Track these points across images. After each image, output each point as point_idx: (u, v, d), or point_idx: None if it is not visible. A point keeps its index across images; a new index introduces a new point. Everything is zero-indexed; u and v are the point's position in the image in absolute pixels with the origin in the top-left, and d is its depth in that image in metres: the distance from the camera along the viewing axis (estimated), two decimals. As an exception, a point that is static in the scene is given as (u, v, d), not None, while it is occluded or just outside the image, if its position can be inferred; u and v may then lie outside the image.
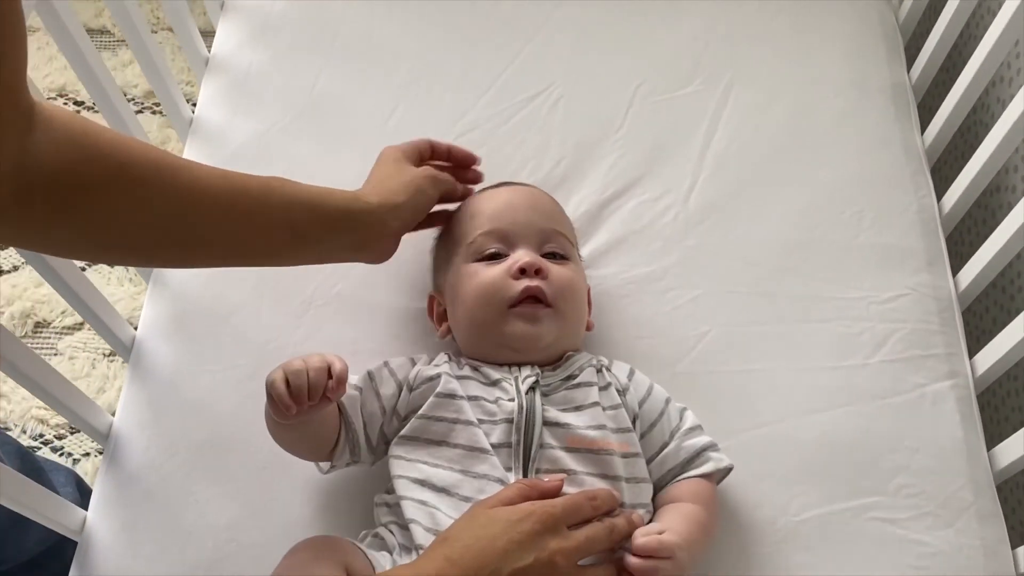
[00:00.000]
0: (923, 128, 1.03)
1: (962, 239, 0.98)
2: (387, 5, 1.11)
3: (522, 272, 0.75)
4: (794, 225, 0.95)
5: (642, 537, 0.64)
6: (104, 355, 1.37)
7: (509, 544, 0.60)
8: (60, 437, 1.31)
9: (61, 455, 1.30)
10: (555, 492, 0.66)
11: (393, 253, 0.80)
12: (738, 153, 1.00)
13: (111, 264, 0.84)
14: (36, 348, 1.42)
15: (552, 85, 1.04)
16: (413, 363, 0.77)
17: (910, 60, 1.09)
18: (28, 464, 0.89)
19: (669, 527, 0.67)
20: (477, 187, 0.87)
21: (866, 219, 0.95)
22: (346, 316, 0.89)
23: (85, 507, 0.82)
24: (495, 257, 0.78)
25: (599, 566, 0.65)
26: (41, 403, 1.34)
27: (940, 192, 0.98)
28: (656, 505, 0.73)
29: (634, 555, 0.64)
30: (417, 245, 0.88)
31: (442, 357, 0.78)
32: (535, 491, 0.66)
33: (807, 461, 0.82)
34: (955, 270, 0.93)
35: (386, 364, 0.77)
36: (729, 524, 0.78)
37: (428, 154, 0.85)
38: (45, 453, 1.31)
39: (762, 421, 0.84)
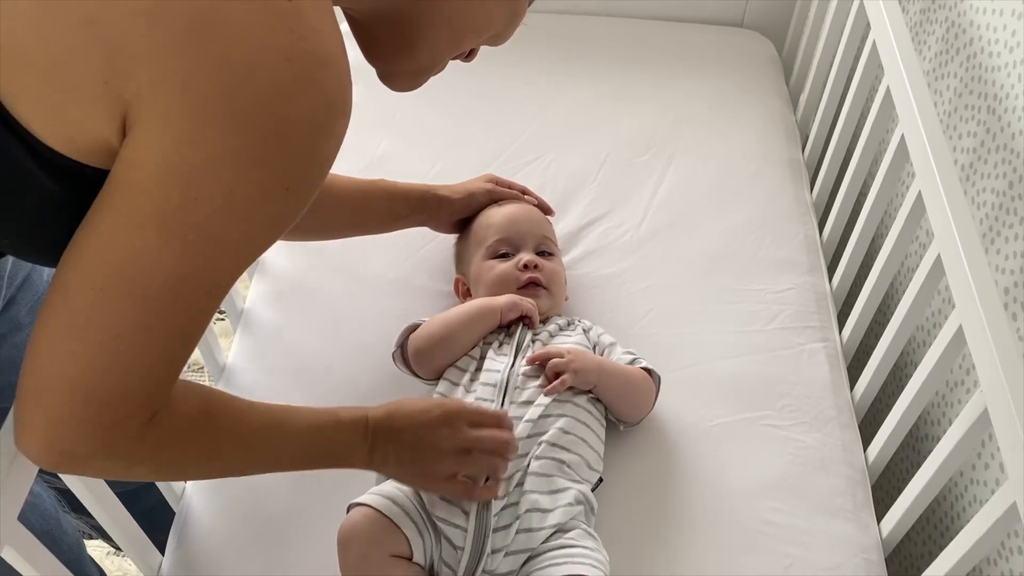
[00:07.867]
0: (811, 188, 1.44)
1: (837, 257, 1.36)
2: (431, 96, 1.53)
3: (525, 267, 1.13)
4: (715, 243, 1.33)
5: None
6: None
7: (420, 422, 0.88)
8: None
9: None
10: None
11: (453, 232, 1.23)
12: (676, 199, 1.40)
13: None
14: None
15: (547, 153, 1.46)
16: None
17: (804, 143, 1.52)
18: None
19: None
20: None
21: (766, 240, 1.33)
22: (395, 293, 1.26)
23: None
24: (505, 256, 1.15)
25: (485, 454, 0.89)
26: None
27: (822, 227, 1.37)
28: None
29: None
30: (443, 243, 1.28)
31: None
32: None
33: (720, 389, 1.16)
34: (831, 276, 1.31)
35: None
36: (664, 428, 1.12)
37: (504, 182, 1.26)
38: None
39: (689, 364, 1.19)
